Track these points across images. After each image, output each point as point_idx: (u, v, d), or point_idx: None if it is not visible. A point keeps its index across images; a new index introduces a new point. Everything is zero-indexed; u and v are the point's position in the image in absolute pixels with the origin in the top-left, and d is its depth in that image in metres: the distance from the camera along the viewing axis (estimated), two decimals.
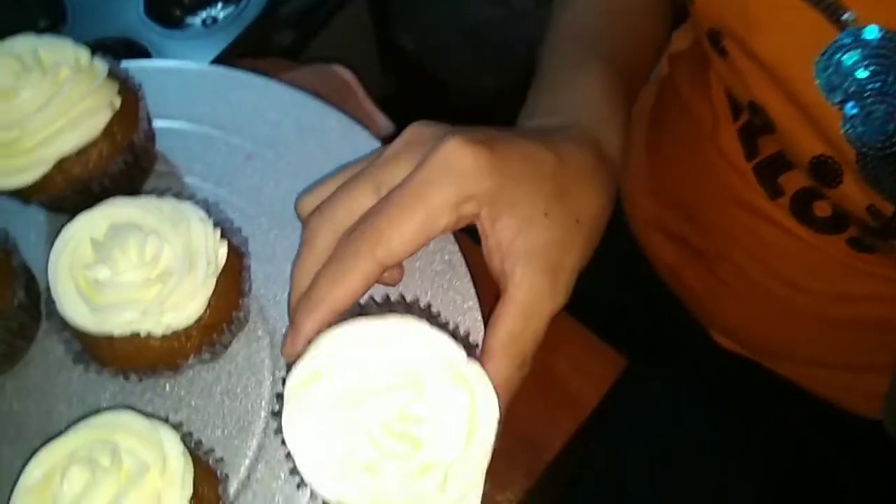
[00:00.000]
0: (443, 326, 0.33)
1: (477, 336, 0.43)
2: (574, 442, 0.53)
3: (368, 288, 0.36)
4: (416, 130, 0.38)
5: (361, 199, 0.37)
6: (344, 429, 0.31)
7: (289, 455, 0.32)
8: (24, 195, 0.43)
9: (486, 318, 0.42)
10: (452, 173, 0.35)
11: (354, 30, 1.18)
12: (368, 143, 0.49)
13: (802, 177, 0.48)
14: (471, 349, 0.34)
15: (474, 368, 0.32)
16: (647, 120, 0.66)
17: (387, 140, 0.59)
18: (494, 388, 0.32)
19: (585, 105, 0.43)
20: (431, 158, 0.35)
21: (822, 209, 0.49)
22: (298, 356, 0.33)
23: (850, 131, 0.38)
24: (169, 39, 0.64)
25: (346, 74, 0.61)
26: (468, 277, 0.44)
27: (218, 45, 0.64)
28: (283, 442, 0.32)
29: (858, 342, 0.56)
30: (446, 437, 0.31)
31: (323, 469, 0.31)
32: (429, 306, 0.43)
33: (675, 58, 0.62)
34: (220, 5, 0.69)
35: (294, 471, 0.32)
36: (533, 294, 0.35)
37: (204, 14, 0.68)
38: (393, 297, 0.40)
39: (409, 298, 0.42)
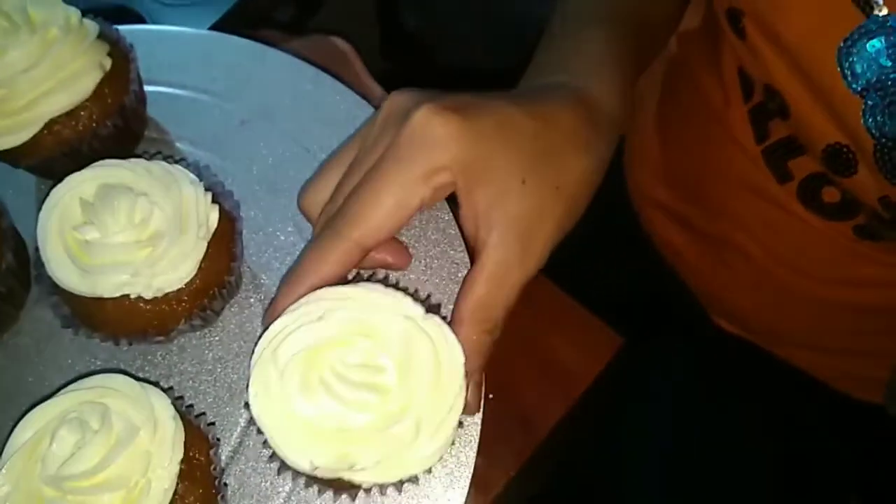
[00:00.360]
0: (407, 293, 0.34)
1: None
2: (568, 420, 0.53)
3: (350, 267, 0.36)
4: (394, 101, 0.37)
5: (346, 183, 0.37)
6: (309, 388, 0.31)
7: (259, 431, 0.32)
8: (12, 158, 0.42)
9: None
10: (422, 146, 0.34)
11: (356, 7, 1.17)
12: (363, 109, 0.48)
13: (813, 162, 0.47)
14: (433, 308, 0.35)
15: (433, 320, 0.33)
16: (656, 98, 0.65)
17: None
18: (464, 350, 0.33)
19: (583, 64, 0.42)
20: (401, 133, 0.35)
21: (830, 195, 0.49)
22: None
23: (870, 120, 0.38)
24: (164, 7, 0.63)
25: (343, 45, 0.60)
26: (462, 245, 0.44)
27: (214, 15, 0.63)
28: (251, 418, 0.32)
29: (859, 327, 0.56)
30: (412, 383, 0.31)
31: (292, 438, 0.31)
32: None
33: (686, 36, 0.61)
34: None
35: (266, 444, 0.32)
36: (504, 262, 0.35)
37: None
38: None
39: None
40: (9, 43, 0.39)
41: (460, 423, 0.34)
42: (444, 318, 0.34)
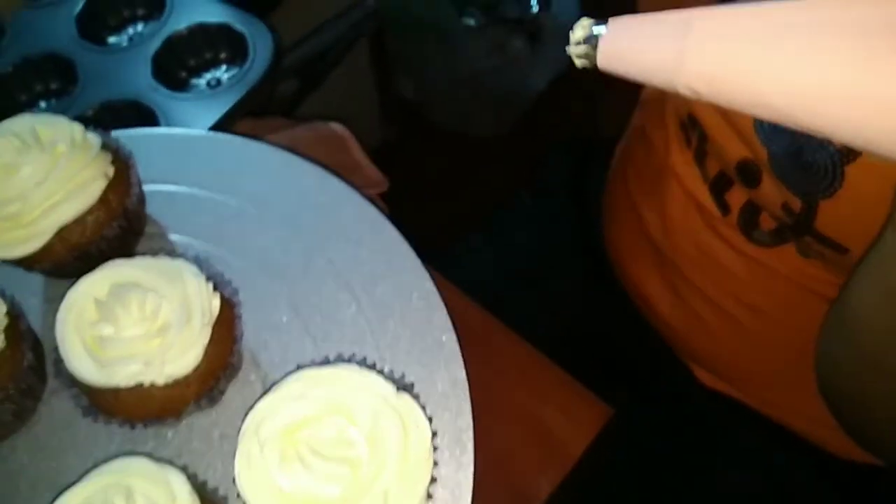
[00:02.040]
0: (380, 372, 0.39)
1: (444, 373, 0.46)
2: (560, 492, 0.56)
3: None
4: None
5: None
6: (287, 461, 0.35)
7: None
8: (26, 263, 0.46)
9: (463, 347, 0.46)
10: None
11: (356, 78, 1.23)
12: (347, 194, 0.52)
13: (741, 189, 0.52)
14: (406, 387, 0.39)
15: (403, 398, 0.37)
16: (621, 162, 0.70)
17: (381, 194, 0.63)
18: None
19: None
20: None
21: (767, 222, 0.53)
22: None
23: (760, 133, 0.43)
24: (175, 101, 0.67)
25: (341, 131, 0.65)
26: (444, 310, 0.47)
27: (222, 106, 0.67)
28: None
29: None
30: (381, 457, 0.35)
31: None
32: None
33: (644, 103, 0.67)
34: (223, 67, 0.73)
35: None
36: None
37: (209, 76, 0.72)
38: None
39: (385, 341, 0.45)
40: (22, 161, 0.43)
41: (429, 496, 0.37)
42: (415, 395, 0.38)
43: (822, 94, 0.20)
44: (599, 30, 0.26)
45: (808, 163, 0.41)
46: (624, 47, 0.25)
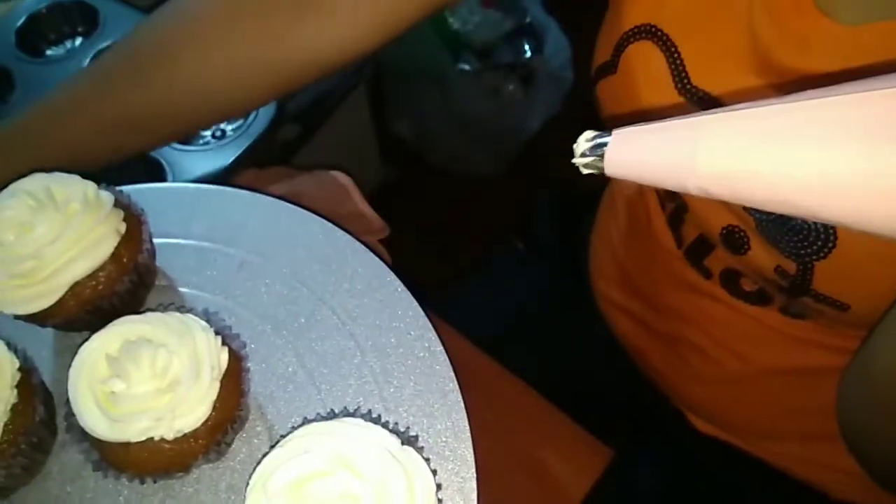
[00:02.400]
0: (384, 424, 0.40)
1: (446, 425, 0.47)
2: None
3: None
4: None
5: None
6: None
7: None
8: (38, 318, 0.47)
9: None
10: None
11: (355, 121, 1.26)
12: (349, 244, 0.54)
13: (723, 255, 0.53)
14: (410, 440, 0.40)
15: (408, 452, 0.38)
16: (605, 214, 0.72)
17: (382, 241, 0.65)
18: None
19: None
20: None
21: (748, 284, 0.54)
22: None
23: None
24: (182, 153, 0.70)
25: (344, 179, 0.67)
26: (447, 363, 0.48)
27: (228, 156, 0.70)
28: None
29: (814, 412, 0.58)
30: None
31: None
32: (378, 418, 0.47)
33: None
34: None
35: None
36: None
37: (214, 128, 0.75)
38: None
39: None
40: (36, 220, 0.45)
41: None
42: (419, 448, 0.39)
43: (831, 188, 0.22)
44: (604, 140, 0.27)
45: (797, 227, 0.42)
46: (631, 156, 0.26)
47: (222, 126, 0.76)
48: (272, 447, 0.40)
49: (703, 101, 0.46)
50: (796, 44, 0.41)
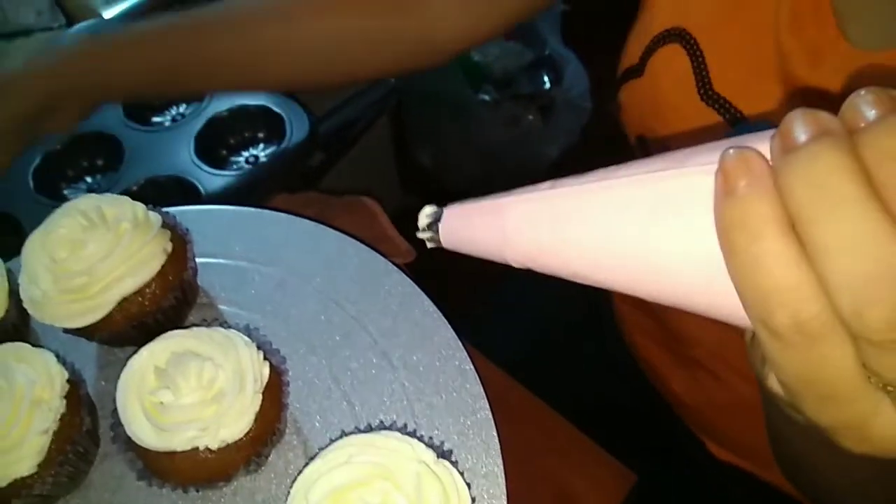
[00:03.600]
0: (419, 439, 0.42)
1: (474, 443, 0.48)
2: None
3: None
4: None
5: None
6: None
7: None
8: (86, 332, 0.49)
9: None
10: None
11: (378, 150, 1.30)
12: (383, 266, 0.55)
13: None
14: (445, 454, 0.42)
15: (444, 464, 0.40)
16: None
17: (408, 264, 0.67)
18: None
19: None
20: None
21: None
22: None
23: None
24: (216, 177, 0.72)
25: (372, 205, 0.69)
26: (478, 383, 0.50)
27: (260, 180, 0.72)
28: None
29: None
30: None
31: None
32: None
33: None
34: (261, 146, 0.78)
35: None
36: None
37: (247, 153, 0.78)
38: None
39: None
40: (88, 238, 0.47)
41: None
42: (454, 462, 0.40)
43: (614, 263, 0.23)
44: (438, 216, 0.29)
45: None
46: (459, 232, 0.29)
47: (255, 152, 0.78)
48: (308, 461, 0.42)
49: (723, 109, 0.47)
50: (809, 55, 0.42)
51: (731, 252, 0.20)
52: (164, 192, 0.73)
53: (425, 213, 0.29)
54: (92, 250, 0.47)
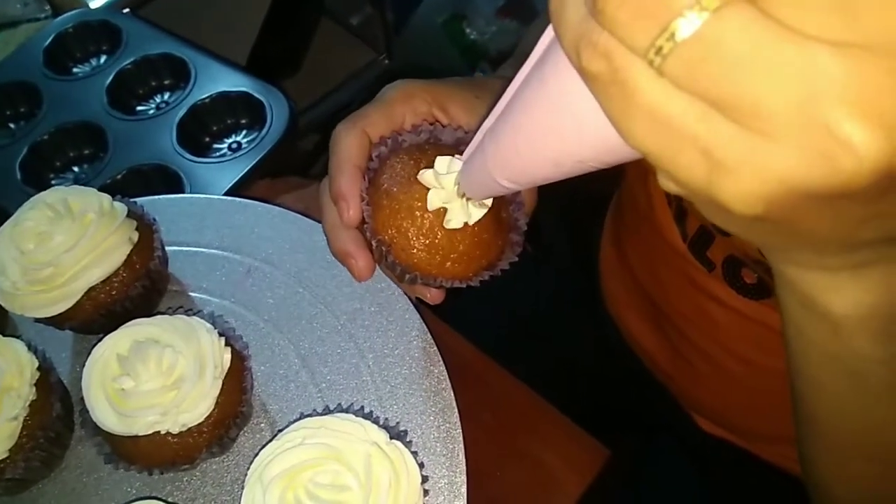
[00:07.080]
0: (376, 420, 0.43)
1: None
2: None
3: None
4: None
5: None
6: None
7: None
8: (57, 321, 0.50)
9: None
10: None
11: None
12: None
13: (722, 244, 0.54)
14: (399, 434, 0.43)
15: (395, 445, 0.41)
16: (612, 218, 0.73)
17: None
18: None
19: None
20: None
21: (748, 276, 0.56)
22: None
23: None
24: (198, 164, 0.73)
25: None
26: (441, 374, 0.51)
27: (242, 167, 0.73)
28: None
29: None
30: (374, 500, 0.38)
31: None
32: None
33: (632, 162, 0.70)
34: (243, 132, 0.79)
35: None
36: None
37: (229, 140, 0.79)
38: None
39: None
40: (54, 229, 0.48)
41: None
42: (408, 442, 0.41)
43: (552, 137, 0.28)
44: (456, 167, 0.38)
45: None
46: (472, 186, 0.37)
47: (237, 139, 0.79)
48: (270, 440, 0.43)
49: None
50: None
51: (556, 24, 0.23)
52: (148, 180, 0.74)
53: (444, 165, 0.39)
54: (58, 242, 0.48)
